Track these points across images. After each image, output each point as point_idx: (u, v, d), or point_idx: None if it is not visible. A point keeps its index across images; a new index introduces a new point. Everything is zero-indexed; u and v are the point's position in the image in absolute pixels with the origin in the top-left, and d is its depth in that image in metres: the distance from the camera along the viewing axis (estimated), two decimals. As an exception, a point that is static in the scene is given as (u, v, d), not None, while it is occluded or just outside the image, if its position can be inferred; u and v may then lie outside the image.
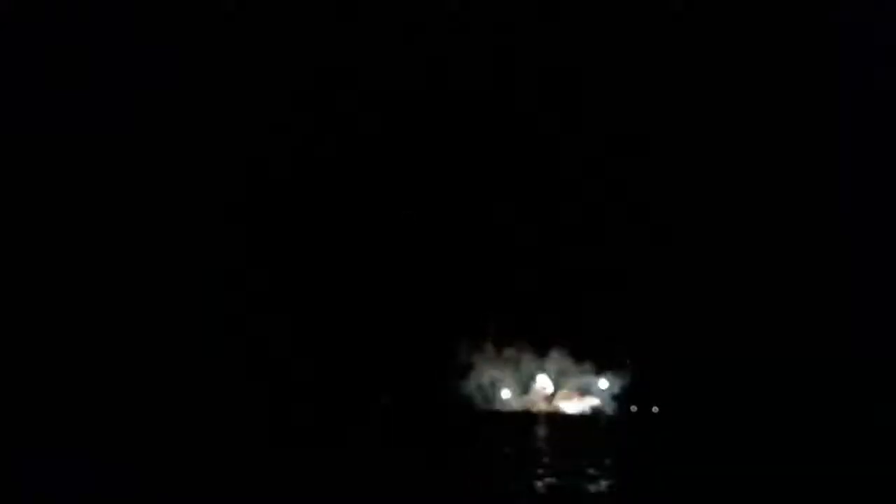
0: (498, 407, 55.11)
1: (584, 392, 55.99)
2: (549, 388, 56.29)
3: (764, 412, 43.93)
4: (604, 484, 13.77)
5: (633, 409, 54.42)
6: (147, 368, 43.71)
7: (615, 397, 55.15)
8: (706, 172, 50.81)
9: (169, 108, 48.82)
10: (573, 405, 55.80)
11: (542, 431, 30.90)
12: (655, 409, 53.45)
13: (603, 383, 55.49)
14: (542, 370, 56.13)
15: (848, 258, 46.55)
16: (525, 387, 56.36)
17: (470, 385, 55.13)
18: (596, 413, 54.53)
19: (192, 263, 48.86)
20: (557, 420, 44.17)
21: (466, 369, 55.10)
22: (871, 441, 26.87)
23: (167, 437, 21.36)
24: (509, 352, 55.69)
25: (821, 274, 46.86)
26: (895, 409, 38.88)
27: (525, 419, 43.37)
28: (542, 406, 55.79)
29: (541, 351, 55.77)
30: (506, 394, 55.93)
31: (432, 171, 54.41)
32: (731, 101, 50.08)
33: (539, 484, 13.47)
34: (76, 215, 46.65)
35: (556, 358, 55.75)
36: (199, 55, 49.07)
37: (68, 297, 44.64)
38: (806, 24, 47.84)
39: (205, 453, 17.34)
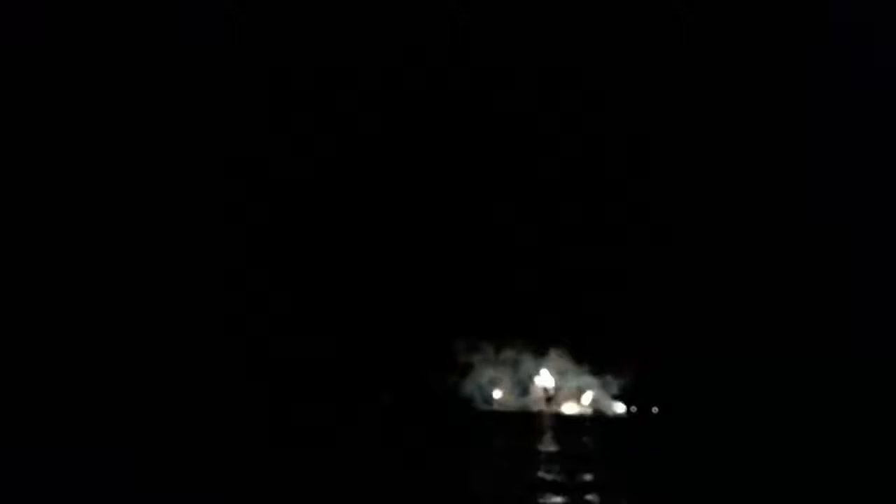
0: (497, 407, 55.02)
1: (584, 392, 55.93)
2: (549, 389, 56.21)
3: (764, 412, 43.94)
4: (603, 485, 13.77)
5: (633, 409, 54.39)
6: (147, 368, 43.69)
7: (615, 397, 55.10)
8: (706, 172, 50.89)
9: (169, 107, 48.86)
10: (572, 405, 55.73)
11: (541, 432, 30.88)
12: (655, 410, 53.40)
13: (603, 383, 55.42)
14: (542, 370, 56.07)
15: (848, 259, 46.59)
16: (524, 387, 56.27)
17: (469, 385, 55.06)
18: (595, 413, 54.46)
19: (192, 263, 48.87)
20: (557, 420, 44.13)
21: (466, 369, 55.03)
22: (871, 441, 26.88)
23: (167, 437, 21.36)
24: (509, 352, 55.60)
25: (821, 274, 46.89)
26: (895, 409, 38.91)
27: (524, 419, 43.33)
28: (541, 406, 55.71)
29: (540, 351, 55.70)
30: (505, 394, 55.84)
31: (432, 171, 54.48)
32: (731, 101, 50.16)
33: (538, 485, 13.46)
34: (76, 215, 46.66)
35: (555, 358, 55.67)
36: (199, 55, 49.10)
37: (68, 296, 44.63)
38: (806, 24, 47.87)
39: (205, 453, 17.34)
